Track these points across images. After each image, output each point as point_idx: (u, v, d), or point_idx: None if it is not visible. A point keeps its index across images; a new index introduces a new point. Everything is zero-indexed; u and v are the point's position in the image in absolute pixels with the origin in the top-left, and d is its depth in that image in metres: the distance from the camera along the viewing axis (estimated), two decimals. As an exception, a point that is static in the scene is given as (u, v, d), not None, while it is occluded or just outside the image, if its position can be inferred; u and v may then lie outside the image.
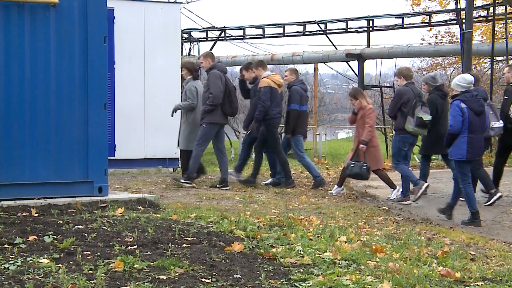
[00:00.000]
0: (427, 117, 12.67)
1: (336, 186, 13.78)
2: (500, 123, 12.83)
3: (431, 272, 6.36)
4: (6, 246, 6.46)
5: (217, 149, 13.71)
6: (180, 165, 15.10)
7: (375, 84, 34.72)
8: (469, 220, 11.13)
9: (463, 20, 23.18)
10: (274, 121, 14.01)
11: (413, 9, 34.24)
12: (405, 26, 28.05)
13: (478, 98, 11.39)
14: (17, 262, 5.84)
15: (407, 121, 12.76)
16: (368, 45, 28.16)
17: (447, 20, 29.38)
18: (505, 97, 13.40)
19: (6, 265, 5.74)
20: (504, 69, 14.12)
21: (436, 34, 36.22)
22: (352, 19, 28.88)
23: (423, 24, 28.94)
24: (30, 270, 5.60)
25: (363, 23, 28.83)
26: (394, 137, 13.32)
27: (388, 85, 37.24)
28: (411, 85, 13.25)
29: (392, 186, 13.43)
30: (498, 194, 12.76)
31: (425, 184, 12.95)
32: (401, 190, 13.25)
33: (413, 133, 12.89)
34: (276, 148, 14.07)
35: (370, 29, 28.43)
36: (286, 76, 14.63)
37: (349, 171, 13.26)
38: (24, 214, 8.29)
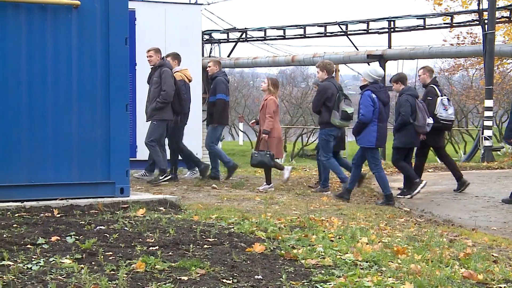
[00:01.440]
0: (350, 109, 13.04)
1: (264, 184, 13.97)
2: (431, 120, 13.35)
3: (453, 274, 6.33)
4: (29, 246, 6.50)
5: (158, 142, 13.85)
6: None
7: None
8: (383, 202, 12.14)
9: (486, 21, 23.08)
10: (186, 116, 14.43)
11: (434, 9, 34.12)
12: (426, 27, 27.92)
13: (385, 89, 12.39)
14: (40, 263, 5.87)
15: (332, 115, 13.05)
16: (389, 46, 28.06)
17: (469, 21, 29.21)
18: (428, 98, 13.76)
19: (29, 265, 5.78)
20: (419, 71, 14.42)
21: (458, 35, 36.09)
22: (374, 20, 28.79)
23: (445, 25, 28.80)
24: (52, 271, 5.62)
25: (385, 24, 28.74)
26: (319, 132, 13.55)
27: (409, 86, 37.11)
28: (332, 79, 13.51)
29: (281, 168, 14.12)
30: (424, 182, 13.43)
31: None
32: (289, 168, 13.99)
33: (338, 126, 13.19)
34: (177, 143, 14.37)
35: (392, 30, 28.34)
36: (209, 67, 14.68)
37: (253, 160, 13.64)
38: (46, 214, 8.33)
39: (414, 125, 13.16)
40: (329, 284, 5.66)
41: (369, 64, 28.44)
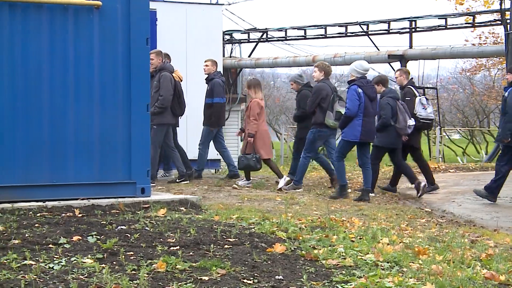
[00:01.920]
0: (344, 110, 12.99)
1: (244, 179, 14.23)
2: (413, 121, 13.49)
3: (475, 275, 6.30)
4: (50, 246, 6.53)
5: (167, 145, 13.93)
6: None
7: (417, 85, 34.47)
8: (337, 193, 12.43)
9: (508, 21, 22.94)
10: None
11: (456, 9, 33.95)
12: (448, 27, 27.78)
13: (372, 85, 12.49)
14: (62, 262, 5.90)
15: (326, 116, 13.15)
16: (410, 46, 27.95)
17: (491, 21, 29.05)
18: (407, 98, 13.89)
19: (51, 265, 5.80)
20: (396, 73, 14.47)
21: (480, 35, 35.89)
22: (395, 20, 28.68)
23: (467, 25, 28.64)
24: (74, 270, 5.65)
25: (406, 24, 28.62)
26: (310, 130, 13.54)
27: (430, 86, 36.98)
28: (327, 80, 13.62)
29: (280, 175, 14.08)
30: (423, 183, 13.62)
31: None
32: (287, 179, 13.82)
33: (333, 127, 13.25)
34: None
35: (413, 30, 28.22)
36: (207, 66, 14.68)
37: (240, 164, 13.85)
38: (68, 214, 8.37)
39: (396, 127, 13.29)
40: (350, 285, 5.65)
41: (390, 64, 28.46)
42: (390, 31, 29.03)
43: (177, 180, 13.83)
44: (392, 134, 13.36)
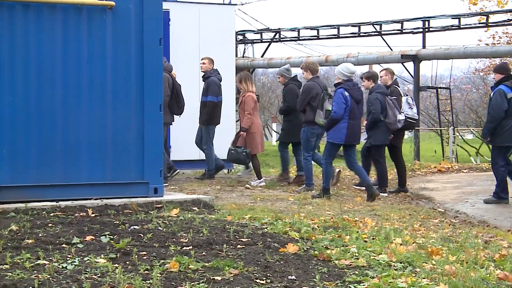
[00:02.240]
0: None
1: (256, 179, 14.32)
2: (402, 116, 13.67)
3: (488, 275, 6.28)
4: (64, 245, 6.55)
5: None
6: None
7: (430, 85, 34.40)
8: (318, 194, 12.37)
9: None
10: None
11: (469, 9, 33.84)
12: (461, 26, 27.70)
13: (358, 87, 12.56)
14: (75, 262, 5.91)
15: (317, 114, 13.14)
16: (423, 46, 27.90)
17: (505, 21, 28.96)
18: (393, 97, 13.85)
19: (64, 265, 5.82)
20: (381, 72, 14.41)
21: (494, 35, 35.76)
22: (408, 20, 28.62)
23: (480, 25, 28.55)
24: (87, 270, 5.66)
25: (419, 24, 28.56)
26: (302, 129, 13.61)
27: (444, 86, 36.87)
28: (317, 79, 13.67)
29: (259, 176, 14.31)
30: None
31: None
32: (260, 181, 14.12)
33: (322, 125, 13.18)
34: None
35: (426, 30, 28.16)
36: (204, 64, 14.70)
37: (229, 156, 13.93)
38: (81, 214, 8.39)
39: (385, 123, 13.38)
40: (363, 285, 5.64)
41: (403, 64, 28.40)
42: (403, 31, 28.98)
43: (168, 175, 13.68)
44: (383, 130, 13.48)
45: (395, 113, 13.42)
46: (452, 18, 27.95)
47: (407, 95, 14.31)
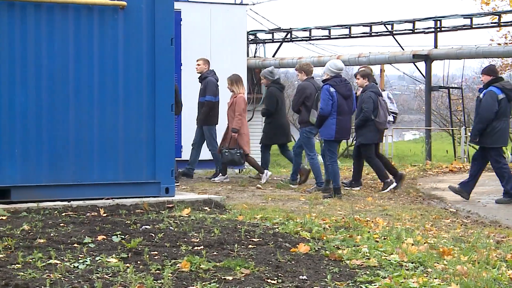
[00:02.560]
0: None
1: (220, 175, 14.51)
2: (392, 117, 13.96)
3: (500, 275, 6.26)
4: (75, 245, 6.56)
5: None
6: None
7: (442, 85, 34.33)
8: (330, 194, 12.36)
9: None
10: None
11: (482, 9, 33.78)
12: (473, 26, 27.63)
13: (346, 83, 12.68)
14: (86, 261, 5.92)
15: (311, 114, 13.32)
16: (435, 46, 27.84)
17: (516, 20, 28.86)
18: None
19: (76, 264, 5.83)
20: (357, 75, 14.44)
21: (506, 34, 35.66)
22: (420, 20, 28.56)
23: (492, 25, 28.46)
24: (98, 269, 5.67)
25: (431, 23, 28.50)
26: (300, 130, 13.93)
27: (456, 86, 36.78)
28: (311, 79, 13.87)
29: (261, 171, 14.52)
30: (394, 184, 13.80)
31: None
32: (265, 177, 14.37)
33: None
34: None
35: (438, 29, 28.10)
36: (199, 65, 14.83)
37: (223, 158, 14.06)
38: (93, 214, 8.40)
39: (375, 122, 13.53)
40: (374, 285, 5.63)
41: (414, 64, 28.34)
42: (415, 30, 28.92)
43: None
44: (372, 129, 13.63)
45: (386, 113, 13.62)
46: (464, 18, 27.87)
47: (384, 90, 14.49)
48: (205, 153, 15.30)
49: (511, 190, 12.77)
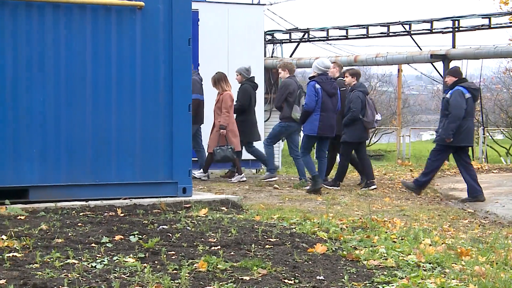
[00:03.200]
0: None
1: (201, 171, 14.61)
2: (379, 116, 14.22)
3: (518, 276, 6.23)
4: (93, 245, 6.58)
5: None
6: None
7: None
8: (312, 188, 12.73)
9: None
10: None
11: (501, 9, 33.60)
12: (492, 26, 27.48)
13: (332, 81, 12.99)
14: (104, 261, 5.94)
15: (293, 109, 13.70)
16: (453, 46, 27.71)
17: (536, 20, 28.69)
18: (342, 89, 14.09)
19: (93, 264, 5.85)
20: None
21: (525, 34, 35.45)
22: (437, 20, 28.43)
23: (511, 24, 28.32)
24: (116, 269, 5.69)
25: (449, 23, 28.36)
26: (279, 124, 14.26)
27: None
28: (294, 77, 14.20)
29: (240, 172, 14.60)
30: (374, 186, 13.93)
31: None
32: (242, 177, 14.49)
33: (298, 120, 13.64)
34: None
35: (456, 29, 27.96)
36: None
37: (216, 156, 14.13)
38: (110, 213, 8.43)
39: (363, 121, 13.70)
40: (392, 285, 5.62)
41: (432, 64, 28.24)
42: (433, 30, 28.79)
43: None
44: (359, 128, 13.78)
45: (373, 113, 13.83)
46: (482, 18, 27.72)
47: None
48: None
49: (422, 184, 13.41)
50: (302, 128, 13.25)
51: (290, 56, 31.85)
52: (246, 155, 15.40)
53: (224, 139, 14.10)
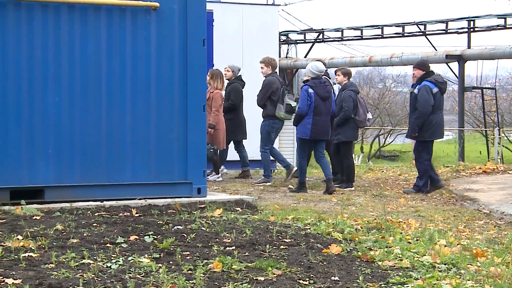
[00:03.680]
0: (294, 103, 13.82)
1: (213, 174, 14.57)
2: (370, 114, 14.39)
3: (534, 277, 6.21)
4: (108, 245, 6.60)
5: None
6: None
7: (475, 85, 34.08)
8: (297, 189, 12.89)
9: None
10: None
11: (515, 9, 33.46)
12: (507, 26, 27.39)
13: (325, 85, 12.99)
14: (119, 261, 5.95)
15: (277, 108, 13.83)
16: (468, 46, 27.65)
17: (551, 20, 28.56)
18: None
19: (109, 264, 5.86)
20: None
21: (540, 34, 35.34)
22: (453, 20, 28.37)
23: (527, 24, 28.20)
24: (131, 269, 5.70)
25: (464, 23, 28.30)
26: (262, 123, 14.23)
27: (489, 86, 36.51)
28: (276, 74, 14.30)
29: (217, 171, 14.59)
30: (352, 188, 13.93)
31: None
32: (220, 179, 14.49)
33: (283, 119, 14.00)
34: None
35: (471, 30, 27.90)
36: None
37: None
38: (125, 214, 8.45)
39: (355, 120, 13.85)
40: (407, 286, 5.61)
41: (447, 65, 28.16)
42: (448, 31, 28.72)
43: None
44: (352, 127, 13.96)
45: (365, 111, 14.00)
46: (498, 18, 27.64)
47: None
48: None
49: (423, 187, 13.43)
50: (296, 131, 13.20)
51: (305, 57, 31.84)
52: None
53: (211, 138, 13.98)
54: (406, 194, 13.31)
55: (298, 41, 32.75)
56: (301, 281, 5.59)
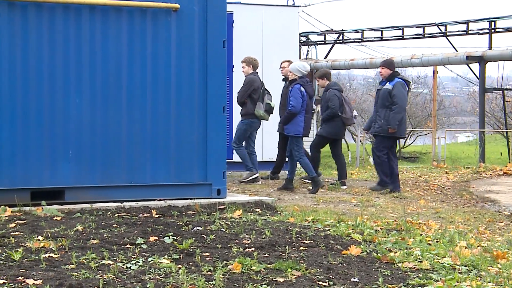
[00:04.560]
0: (273, 104, 13.97)
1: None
2: (356, 112, 14.51)
3: (555, 280, 6.17)
4: (128, 246, 6.62)
5: None
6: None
7: (496, 87, 33.91)
8: (314, 189, 12.81)
9: None
10: None
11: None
12: (529, 27, 27.27)
13: (310, 84, 13.20)
14: (139, 262, 5.97)
15: (257, 106, 13.87)
16: (489, 47, 27.53)
17: None
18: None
19: (128, 265, 5.88)
20: (282, 63, 14.67)
21: (562, 35, 35.14)
22: (474, 21, 28.28)
23: (548, 25, 28.04)
24: (151, 270, 5.71)
25: (485, 24, 28.20)
26: (240, 122, 14.22)
27: (510, 87, 36.30)
28: (257, 74, 14.22)
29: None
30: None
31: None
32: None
33: (262, 117, 13.98)
34: None
35: (492, 30, 27.78)
36: None
37: None
38: (145, 215, 8.47)
39: (342, 118, 13.89)
40: (427, 288, 5.59)
41: (468, 66, 28.03)
42: (469, 32, 28.62)
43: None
44: (338, 125, 13.97)
45: (351, 109, 14.08)
46: (519, 18, 27.50)
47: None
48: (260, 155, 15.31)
49: (384, 182, 13.41)
50: (284, 130, 13.14)
51: (325, 58, 31.81)
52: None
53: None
54: (372, 190, 13.38)
55: (318, 42, 32.74)
56: (320, 283, 5.58)
